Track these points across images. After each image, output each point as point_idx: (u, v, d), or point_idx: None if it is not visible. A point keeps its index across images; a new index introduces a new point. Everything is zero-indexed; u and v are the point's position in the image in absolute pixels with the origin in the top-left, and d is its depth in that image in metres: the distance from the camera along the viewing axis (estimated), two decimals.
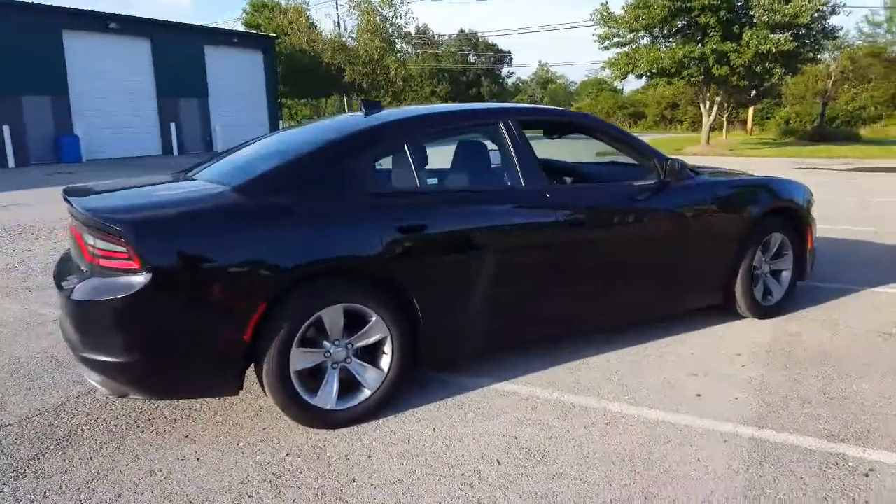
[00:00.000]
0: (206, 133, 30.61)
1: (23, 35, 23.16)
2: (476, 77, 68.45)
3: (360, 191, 3.37)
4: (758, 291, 4.77)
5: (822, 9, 26.87)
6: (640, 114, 63.62)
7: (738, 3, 27.64)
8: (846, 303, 5.30)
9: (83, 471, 2.91)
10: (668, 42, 29.53)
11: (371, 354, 3.39)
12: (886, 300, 5.38)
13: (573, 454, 3.01)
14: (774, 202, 4.78)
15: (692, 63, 27.97)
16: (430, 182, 4.11)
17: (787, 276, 4.95)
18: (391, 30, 44.12)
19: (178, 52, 28.96)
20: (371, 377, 3.35)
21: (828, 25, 28.29)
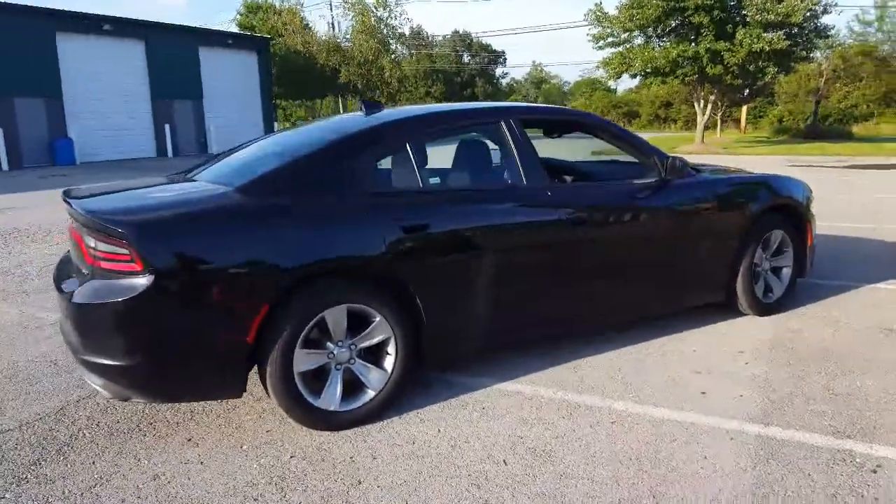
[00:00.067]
0: (201, 135, 30.51)
1: (16, 37, 23.03)
2: (470, 77, 68.53)
3: (363, 191, 3.35)
4: (759, 289, 4.77)
5: (815, 8, 26.99)
6: (634, 113, 63.66)
7: (731, 3, 27.75)
8: (846, 299, 5.31)
9: (86, 475, 2.88)
10: (662, 41, 29.62)
11: (374, 355, 3.36)
12: (886, 296, 5.39)
13: (580, 453, 2.99)
14: (774, 199, 4.79)
15: (686, 62, 28.06)
16: (433, 181, 4.09)
17: (788, 273, 4.95)
18: (386, 31, 44.15)
19: (173, 54, 28.84)
20: (375, 378, 3.33)
21: (820, 24, 28.44)
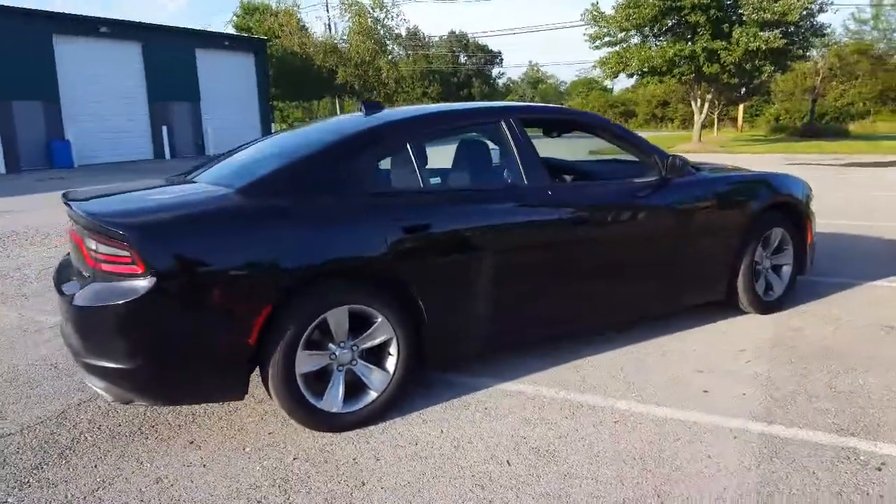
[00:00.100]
0: (198, 136, 30.49)
1: (13, 40, 22.98)
2: (467, 78, 68.46)
3: (365, 191, 3.35)
4: (759, 287, 4.77)
5: (811, 6, 27.02)
6: (631, 112, 63.65)
7: (728, 2, 27.77)
8: (846, 297, 5.31)
9: (88, 479, 2.87)
10: (659, 41, 29.62)
11: (376, 356, 3.35)
12: (886, 294, 5.40)
13: (583, 453, 2.99)
14: (774, 197, 4.79)
15: (683, 61, 28.07)
16: (433, 182, 4.09)
17: (788, 271, 4.95)
18: (382, 31, 44.12)
19: (170, 56, 28.81)
20: (377, 379, 3.32)
21: (816, 23, 28.46)
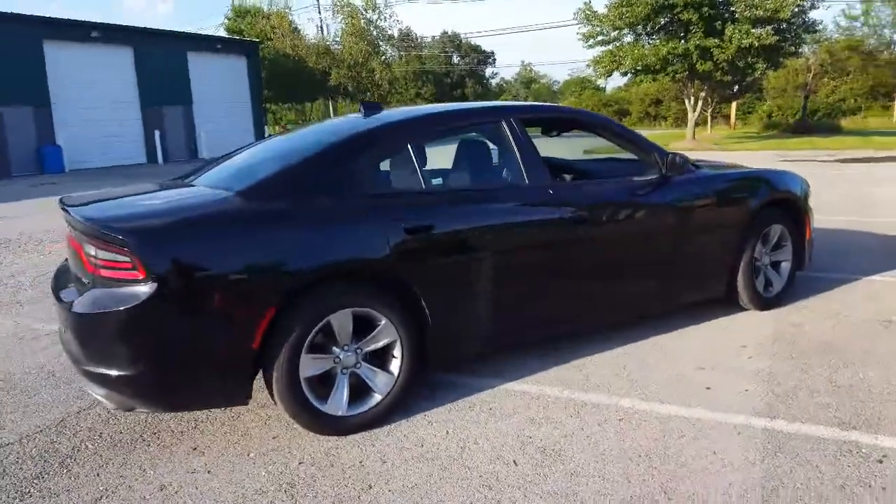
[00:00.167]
0: (191, 140, 30.36)
1: (2, 45, 22.81)
2: (460, 78, 68.51)
3: (367, 193, 3.34)
4: (759, 283, 4.78)
5: (803, 3, 27.09)
6: (625, 111, 63.65)
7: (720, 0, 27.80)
8: (844, 292, 5.34)
9: (91, 488, 2.84)
10: (652, 39, 29.64)
11: (380, 359, 3.34)
12: (883, 288, 5.42)
13: (589, 452, 2.99)
14: (773, 194, 4.81)
15: (676, 59, 28.09)
16: (435, 182, 4.08)
17: (787, 267, 4.97)
18: (375, 32, 44.04)
19: (161, 60, 28.69)
20: (381, 381, 3.31)
21: (808, 19, 28.53)
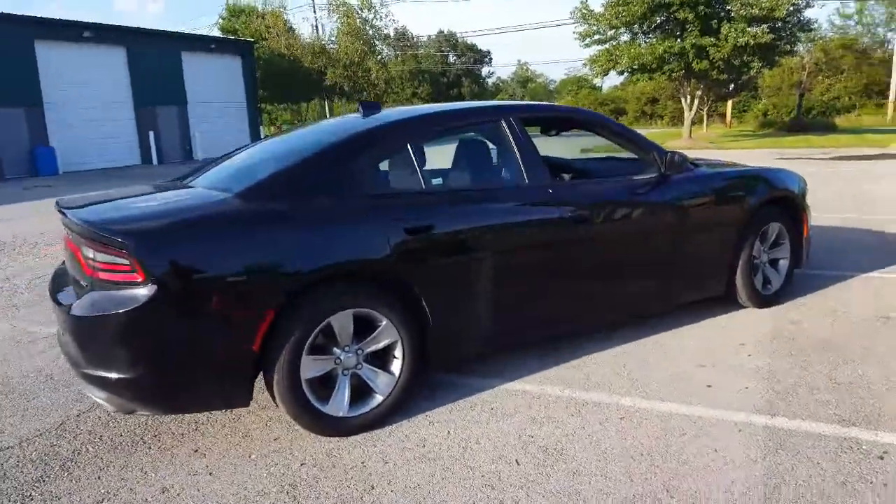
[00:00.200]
0: (186, 141, 30.23)
1: None
2: (456, 77, 68.41)
3: (367, 193, 3.33)
4: (758, 281, 4.79)
5: (797, 2, 27.11)
6: (621, 110, 63.56)
7: None
8: (842, 289, 5.35)
9: (92, 491, 2.84)
10: (648, 38, 29.62)
11: (381, 359, 3.34)
12: (880, 285, 5.44)
13: (591, 451, 2.99)
14: (771, 192, 4.81)
15: (672, 58, 28.04)
16: (435, 182, 4.08)
17: (785, 265, 4.98)
18: (371, 32, 43.93)
19: (155, 60, 28.54)
20: (382, 382, 3.31)
21: (803, 18, 28.52)
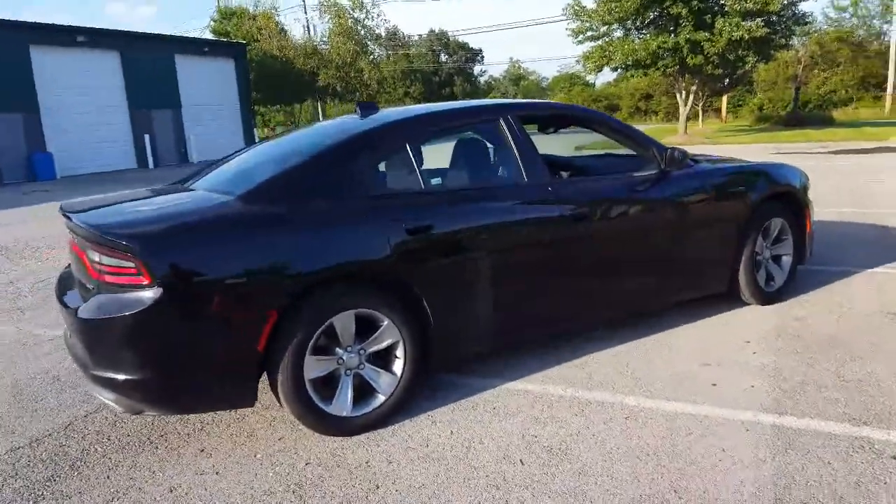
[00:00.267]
0: (181, 144, 30.16)
1: None
2: (448, 76, 68.48)
3: (367, 194, 3.33)
4: (760, 277, 4.77)
5: None
6: (615, 106, 63.59)
7: None
8: (847, 284, 5.32)
9: (102, 490, 2.86)
10: (642, 34, 29.59)
11: (383, 359, 3.34)
12: (886, 280, 5.41)
13: (596, 450, 2.98)
14: (773, 187, 4.78)
15: (666, 54, 28.03)
16: (434, 182, 4.06)
17: (788, 261, 4.96)
18: (363, 32, 43.83)
19: (149, 64, 28.49)
20: (385, 382, 3.31)
21: (798, 11, 28.48)
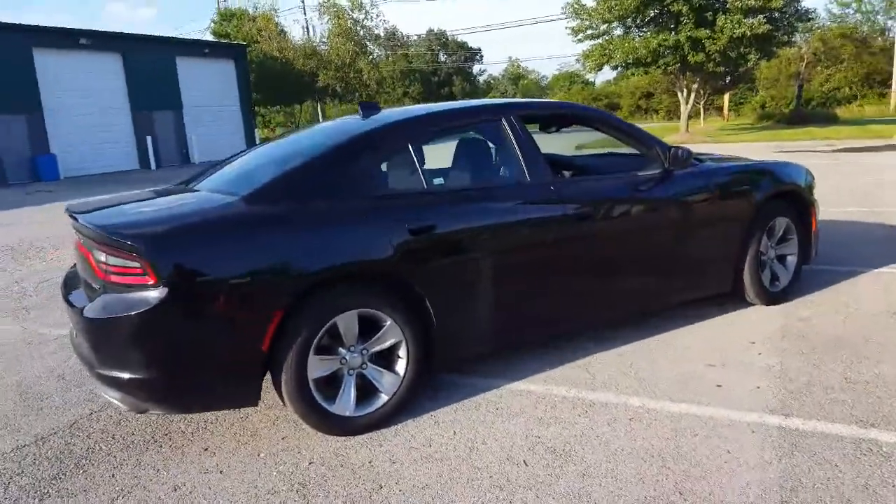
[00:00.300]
0: (182, 145, 30.28)
1: None
2: (447, 76, 68.32)
3: (370, 194, 3.32)
4: (765, 277, 4.73)
5: None
6: (615, 105, 63.31)
7: None
8: (852, 284, 5.27)
9: (107, 488, 2.87)
10: (642, 32, 29.46)
11: (386, 359, 3.34)
12: (892, 280, 5.35)
13: (600, 452, 2.96)
14: (778, 186, 4.74)
15: (667, 51, 27.89)
16: (436, 182, 4.05)
17: (793, 261, 4.91)
18: (362, 32, 43.77)
19: (151, 65, 28.65)
20: (387, 382, 3.31)
21: (801, 8, 28.31)
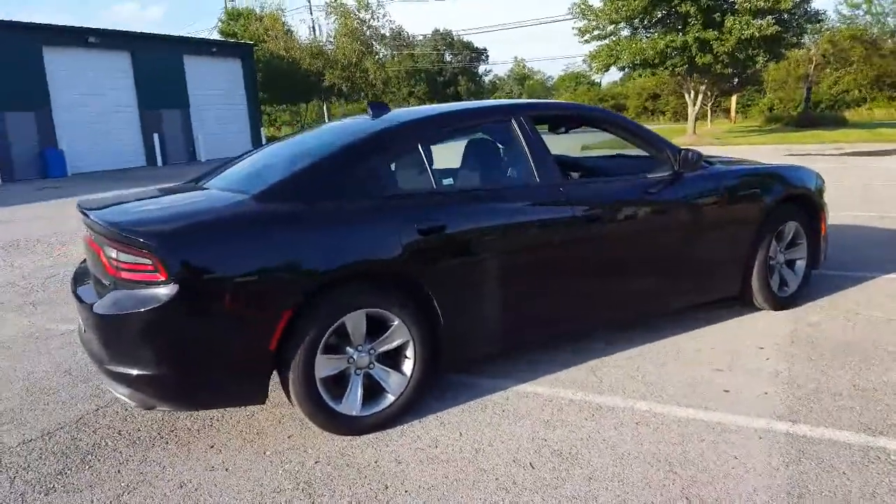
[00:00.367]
0: (189, 143, 30.39)
1: (3, 52, 22.94)
2: (453, 76, 68.24)
3: (379, 194, 3.32)
4: (774, 282, 4.69)
5: None
6: (621, 106, 62.90)
7: None
8: (862, 290, 5.22)
9: (112, 484, 2.88)
10: (649, 32, 29.31)
11: (393, 359, 3.34)
12: None
13: (607, 455, 2.95)
14: (787, 190, 4.70)
15: (675, 53, 27.72)
16: (446, 182, 4.05)
17: (803, 266, 4.86)
18: (368, 32, 43.74)
19: (159, 64, 28.80)
20: (394, 382, 3.31)
21: (811, 9, 28.02)
